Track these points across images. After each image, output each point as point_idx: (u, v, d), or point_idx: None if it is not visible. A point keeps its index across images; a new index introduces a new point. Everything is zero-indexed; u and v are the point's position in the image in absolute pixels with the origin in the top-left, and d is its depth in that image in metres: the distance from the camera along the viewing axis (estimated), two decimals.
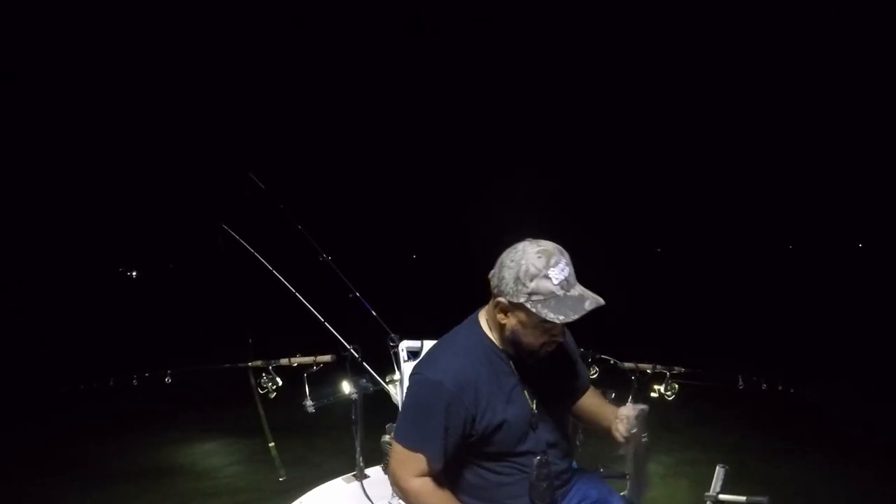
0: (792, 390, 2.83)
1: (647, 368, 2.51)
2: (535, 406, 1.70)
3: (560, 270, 1.55)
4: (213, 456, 5.07)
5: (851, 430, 5.09)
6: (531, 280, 1.54)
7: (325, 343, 2.57)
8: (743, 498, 2.26)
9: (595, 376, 2.51)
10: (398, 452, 1.66)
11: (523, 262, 1.56)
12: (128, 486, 4.41)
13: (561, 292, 1.54)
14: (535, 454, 1.69)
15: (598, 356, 2.55)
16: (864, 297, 14.12)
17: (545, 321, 1.55)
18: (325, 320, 2.66)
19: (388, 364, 2.50)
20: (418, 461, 1.63)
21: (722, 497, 2.31)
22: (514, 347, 1.66)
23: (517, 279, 1.56)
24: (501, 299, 1.61)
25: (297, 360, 2.51)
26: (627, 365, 2.51)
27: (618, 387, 2.43)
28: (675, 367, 2.55)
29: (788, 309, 12.85)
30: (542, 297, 1.54)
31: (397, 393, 2.39)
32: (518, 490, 1.70)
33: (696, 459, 4.53)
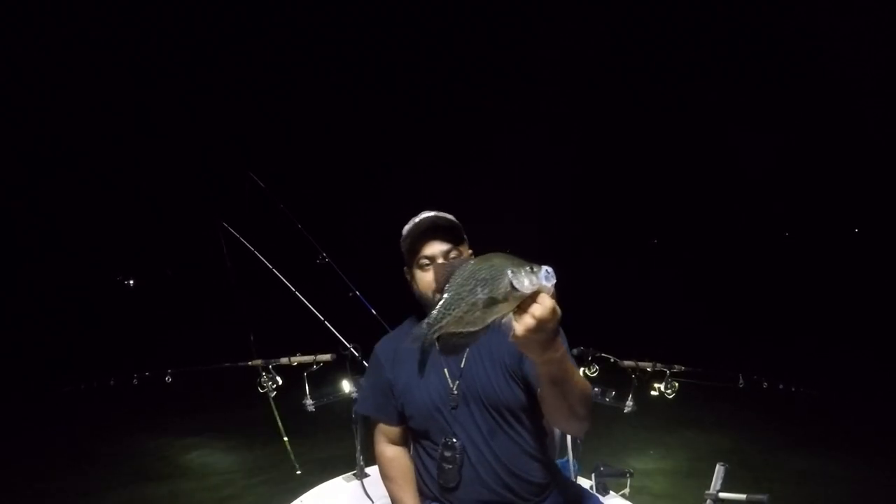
0: (793, 389, 2.82)
1: (647, 367, 2.51)
2: (455, 388, 1.71)
3: (422, 216, 1.73)
4: (213, 455, 5.07)
5: (852, 429, 5.09)
6: (402, 233, 1.75)
7: (325, 342, 2.57)
8: (743, 496, 2.26)
9: (595, 374, 2.51)
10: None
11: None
12: (128, 485, 4.42)
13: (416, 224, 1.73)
14: (445, 436, 1.71)
15: (597, 354, 2.54)
16: (863, 291, 14.10)
17: (414, 257, 1.72)
18: (325, 319, 2.66)
19: None
20: (376, 427, 1.86)
21: (722, 495, 2.31)
22: (424, 306, 1.74)
23: (401, 241, 1.76)
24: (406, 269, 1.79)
25: (297, 360, 2.50)
26: (627, 363, 2.51)
27: (618, 385, 2.43)
28: (675, 366, 2.55)
29: (788, 306, 12.84)
30: (403, 236, 1.74)
31: None
32: (432, 468, 1.75)
33: (697, 458, 4.53)
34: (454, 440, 1.69)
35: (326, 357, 2.49)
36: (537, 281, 1.10)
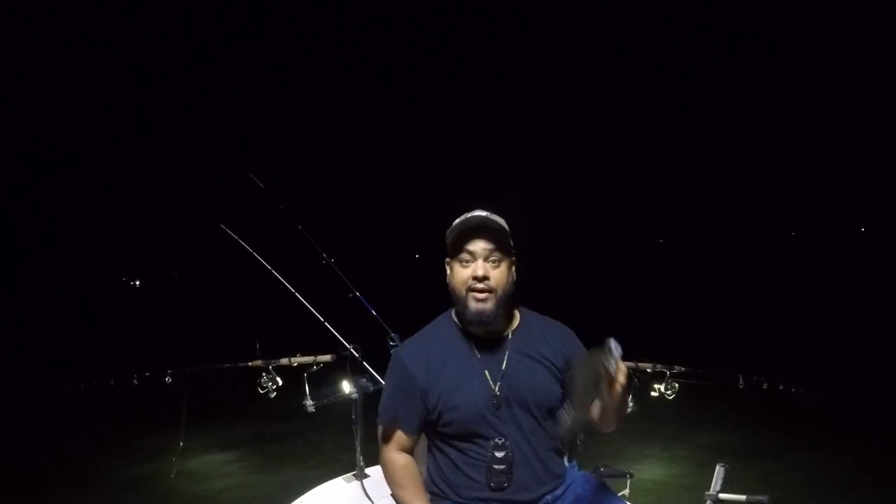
0: (793, 389, 2.82)
1: (647, 367, 2.51)
2: (497, 389, 1.72)
3: (474, 214, 1.74)
4: (213, 455, 5.07)
5: (852, 429, 5.09)
6: (451, 225, 1.76)
7: (325, 343, 2.57)
8: (743, 497, 2.27)
9: None
10: (378, 429, 1.84)
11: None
12: (127, 486, 4.42)
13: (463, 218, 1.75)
14: (493, 437, 1.71)
15: None
16: (865, 290, 14.10)
17: (457, 251, 1.71)
18: (325, 320, 2.66)
19: (387, 363, 2.50)
20: (387, 432, 1.80)
21: (722, 496, 2.31)
22: (454, 301, 1.76)
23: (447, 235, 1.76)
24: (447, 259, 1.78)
25: (297, 360, 2.50)
26: (627, 364, 2.50)
27: None
28: (675, 367, 2.54)
29: (789, 306, 12.84)
30: (451, 231, 1.74)
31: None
32: (474, 473, 1.73)
33: (697, 458, 4.53)
34: (505, 440, 1.70)
35: (326, 358, 2.48)
36: (615, 356, 1.47)
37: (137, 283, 29.67)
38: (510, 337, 1.79)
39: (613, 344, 1.47)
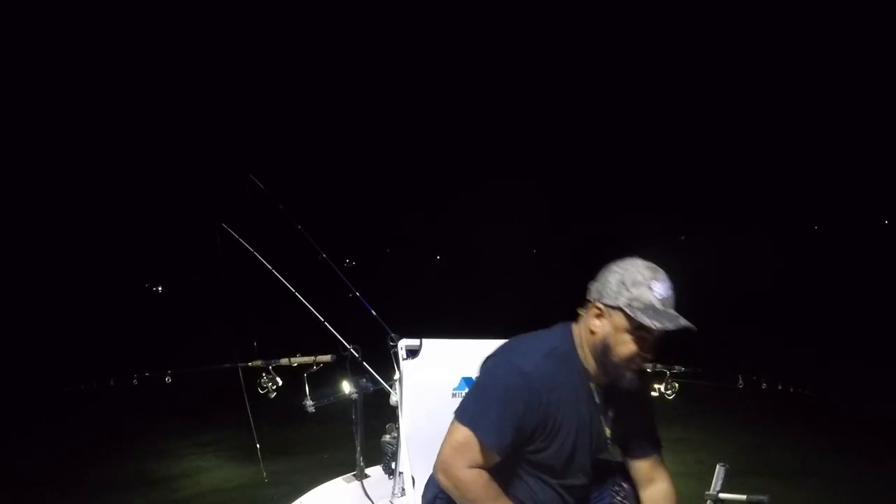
0: (792, 389, 2.82)
1: (647, 367, 2.50)
2: (609, 435, 1.71)
3: (663, 287, 1.58)
4: (213, 455, 5.07)
5: (852, 429, 5.10)
6: (634, 287, 1.56)
7: (325, 343, 2.57)
8: (743, 497, 2.26)
9: None
10: (457, 437, 1.59)
11: (630, 268, 1.59)
12: (127, 486, 4.42)
13: (660, 306, 1.56)
14: (612, 484, 1.75)
15: None
16: (864, 291, 14.09)
17: (640, 328, 1.56)
18: (325, 320, 2.66)
19: (388, 364, 2.50)
20: (475, 449, 1.57)
21: (722, 496, 2.30)
22: (602, 359, 1.62)
23: (621, 283, 1.58)
24: (599, 304, 1.61)
25: (297, 360, 2.50)
26: None
27: None
28: (676, 367, 2.54)
29: (790, 305, 12.83)
30: (640, 305, 1.56)
31: (396, 393, 2.35)
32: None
33: (697, 458, 4.53)
34: (625, 485, 1.76)
35: (326, 358, 2.49)
36: None
37: (159, 288, 29.72)
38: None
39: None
